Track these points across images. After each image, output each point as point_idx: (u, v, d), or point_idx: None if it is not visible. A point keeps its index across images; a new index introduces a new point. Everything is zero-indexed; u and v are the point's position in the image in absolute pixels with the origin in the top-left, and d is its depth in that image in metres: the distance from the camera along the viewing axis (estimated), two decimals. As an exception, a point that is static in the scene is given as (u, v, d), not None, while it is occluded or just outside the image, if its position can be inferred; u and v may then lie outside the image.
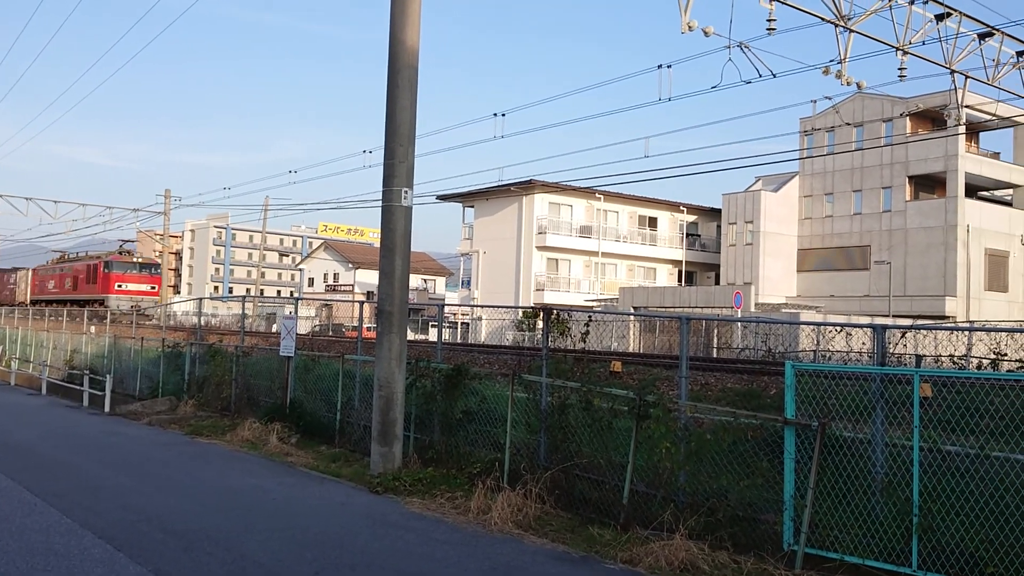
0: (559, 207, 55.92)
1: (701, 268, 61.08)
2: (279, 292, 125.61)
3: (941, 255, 45.54)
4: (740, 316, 35.43)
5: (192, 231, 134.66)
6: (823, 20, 18.72)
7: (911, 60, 20.49)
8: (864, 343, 15.39)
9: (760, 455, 8.07)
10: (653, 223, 59.74)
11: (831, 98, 49.02)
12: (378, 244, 12.46)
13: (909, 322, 33.83)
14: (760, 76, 18.82)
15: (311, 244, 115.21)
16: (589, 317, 11.32)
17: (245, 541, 8.15)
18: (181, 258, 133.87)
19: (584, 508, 9.31)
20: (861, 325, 10.80)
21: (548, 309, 11.42)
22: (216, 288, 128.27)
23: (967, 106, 24.82)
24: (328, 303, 73.49)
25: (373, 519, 9.32)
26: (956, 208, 45.24)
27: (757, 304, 45.36)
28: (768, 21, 17.37)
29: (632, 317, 34.89)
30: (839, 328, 21.20)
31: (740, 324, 31.17)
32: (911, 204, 47.58)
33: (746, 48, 18.33)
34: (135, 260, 55.61)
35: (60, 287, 59.46)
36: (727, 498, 8.12)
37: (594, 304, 50.14)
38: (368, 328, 17.28)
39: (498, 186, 49.85)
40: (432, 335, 43.87)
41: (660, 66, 22.40)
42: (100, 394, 21.63)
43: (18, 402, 23.63)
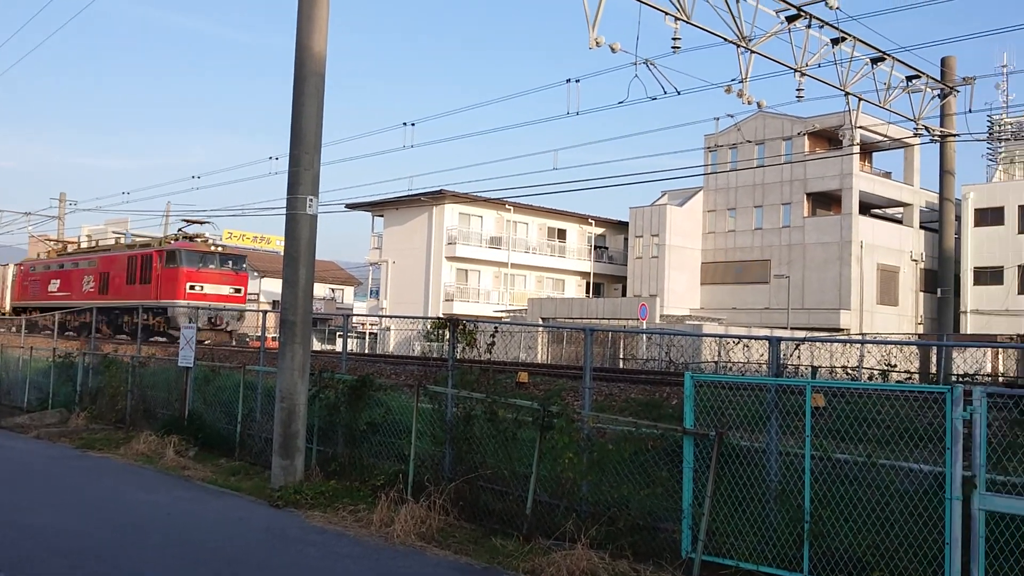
0: (469, 218, 55.97)
1: (609, 280, 61.94)
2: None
3: (837, 270, 47.25)
4: (645, 328, 36.05)
5: (89, 236, 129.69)
6: (725, 40, 19.30)
7: (809, 81, 21.31)
8: (763, 354, 15.85)
9: (660, 465, 8.21)
10: (562, 235, 60.33)
11: (733, 116, 50.51)
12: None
13: (805, 334, 34.99)
14: (665, 93, 19.29)
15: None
16: (495, 328, 11.35)
17: (137, 559, 7.86)
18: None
19: (488, 519, 9.30)
20: (759, 337, 11.12)
21: (455, 320, 11.39)
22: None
23: (861, 127, 25.89)
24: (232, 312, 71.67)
25: (272, 533, 9.12)
26: (851, 225, 47.03)
27: (662, 316, 46.21)
28: (673, 40, 17.82)
29: (540, 328, 35.15)
30: (737, 340, 21.82)
31: (645, 336, 31.73)
32: (809, 220, 49.26)
33: (652, 65, 18.75)
34: (214, 248, 36.15)
35: (73, 288, 40.67)
36: (628, 507, 8.23)
37: (503, 315, 50.31)
38: (272, 338, 16.94)
39: (408, 195, 49.63)
40: (340, 345, 43.27)
41: (569, 80, 22.75)
42: (-16, 406, 20.60)
43: None
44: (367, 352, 39.82)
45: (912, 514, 6.65)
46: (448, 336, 10.96)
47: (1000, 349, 30.36)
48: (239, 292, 35.48)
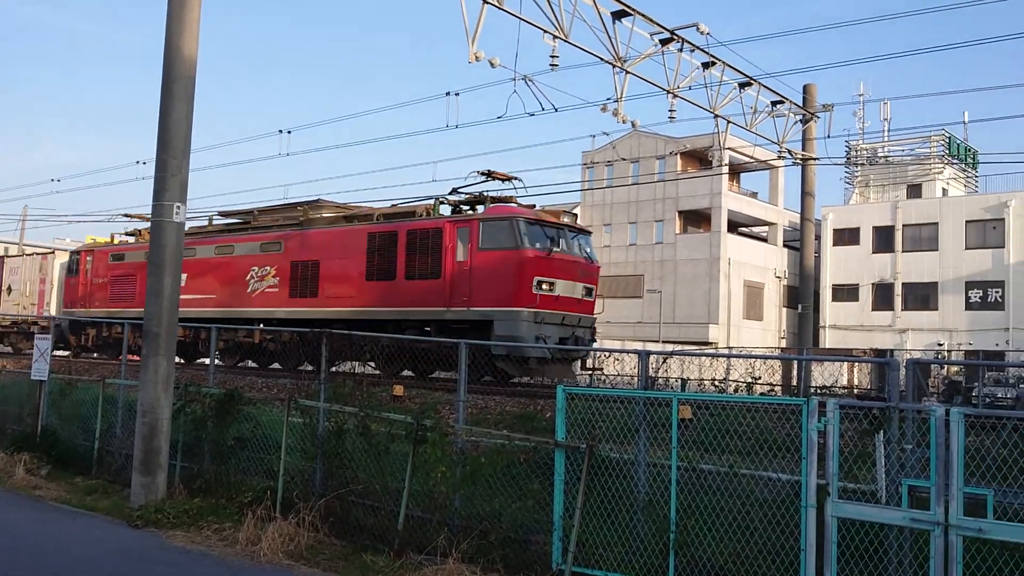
0: (347, 228, 55.15)
1: (487, 293, 62.16)
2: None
3: (706, 285, 48.90)
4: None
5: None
6: (602, 60, 19.74)
7: (680, 103, 22.04)
8: (635, 367, 16.19)
9: (533, 477, 8.26)
10: (441, 247, 60.20)
11: (609, 134, 51.67)
12: (147, 261, 11.66)
13: (673, 348, 36.05)
14: (543, 109, 19.59)
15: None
16: (373, 341, 11.22)
17: (-22, 585, 7.37)
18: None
19: (359, 535, 9.14)
20: (629, 351, 11.37)
21: (328, 332, 11.19)
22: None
23: (729, 148, 26.98)
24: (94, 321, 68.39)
25: (130, 555, 8.70)
26: (719, 242, 48.79)
27: (539, 329, 46.64)
28: (552, 57, 18.09)
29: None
30: (608, 353, 22.28)
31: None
32: (680, 237, 50.83)
33: (531, 81, 19.01)
34: (567, 222, 20.53)
35: (219, 287, 26.37)
36: (500, 521, 8.25)
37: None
38: (133, 350, 16.20)
39: (283, 204, 48.50)
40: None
41: (448, 93, 22.84)
42: None
43: None
44: (239, 364, 38.59)
45: (771, 522, 6.91)
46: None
47: (855, 363, 32.06)
48: (590, 295, 20.52)
